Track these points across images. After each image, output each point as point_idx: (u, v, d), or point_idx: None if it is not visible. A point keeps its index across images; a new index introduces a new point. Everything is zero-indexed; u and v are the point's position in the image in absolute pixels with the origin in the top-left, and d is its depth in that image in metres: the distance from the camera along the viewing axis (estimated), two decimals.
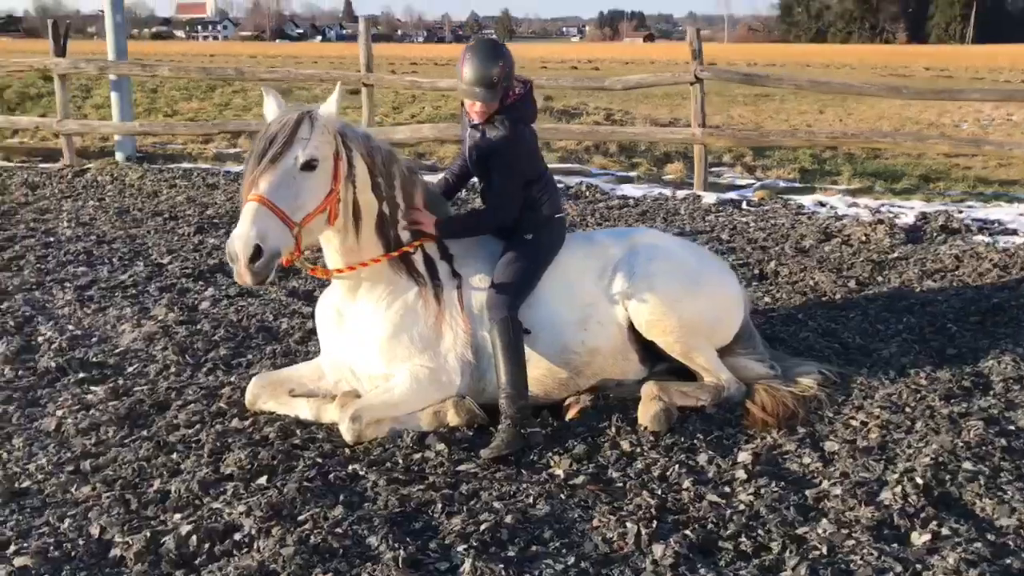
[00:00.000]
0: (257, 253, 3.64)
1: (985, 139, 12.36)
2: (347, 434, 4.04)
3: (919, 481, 3.58)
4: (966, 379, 4.68)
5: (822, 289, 6.28)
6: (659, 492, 3.63)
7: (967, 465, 3.74)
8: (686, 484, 3.69)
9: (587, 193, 9.82)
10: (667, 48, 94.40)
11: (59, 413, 4.35)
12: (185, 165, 11.48)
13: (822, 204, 9.29)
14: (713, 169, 12.34)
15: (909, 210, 8.91)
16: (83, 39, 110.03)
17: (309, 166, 3.83)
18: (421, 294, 4.24)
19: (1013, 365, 4.85)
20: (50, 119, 11.85)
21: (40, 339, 5.33)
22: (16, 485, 3.70)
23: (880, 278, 6.54)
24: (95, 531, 3.34)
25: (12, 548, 3.25)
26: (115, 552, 3.22)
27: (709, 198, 9.50)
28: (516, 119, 4.23)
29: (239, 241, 3.63)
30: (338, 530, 3.31)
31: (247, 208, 3.70)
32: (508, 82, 4.19)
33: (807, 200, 9.48)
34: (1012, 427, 4.12)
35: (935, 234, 7.85)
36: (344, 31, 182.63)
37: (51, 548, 3.23)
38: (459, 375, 4.25)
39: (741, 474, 3.76)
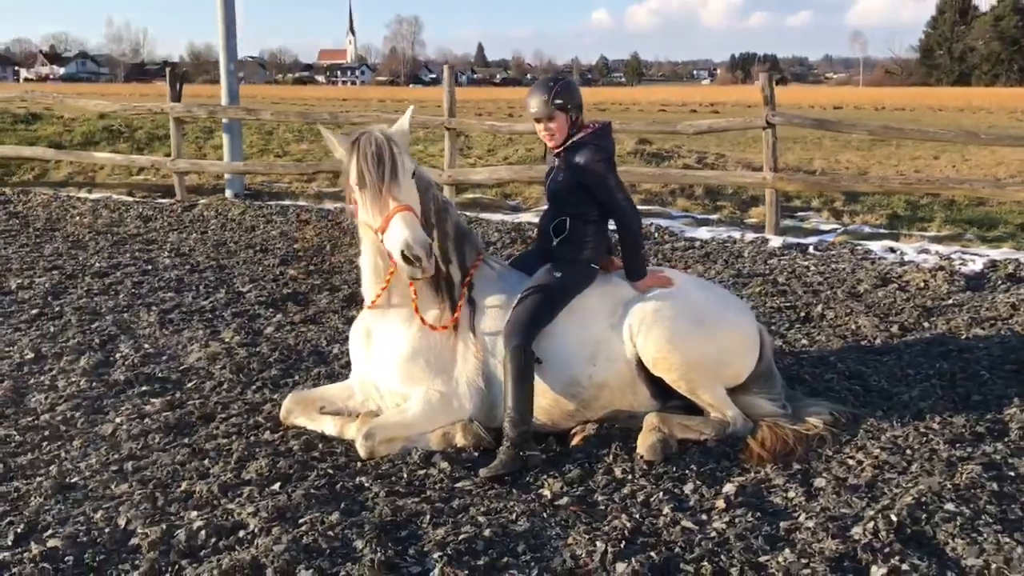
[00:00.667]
0: (430, 249, 4.18)
1: None
2: (361, 450, 4.39)
3: (893, 518, 3.65)
4: (982, 425, 4.67)
5: (863, 333, 6.30)
6: (637, 516, 3.82)
7: (949, 506, 3.78)
8: (666, 510, 3.87)
9: (656, 235, 10.00)
10: (797, 92, 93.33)
11: (117, 420, 4.86)
12: (284, 202, 12.25)
13: (892, 250, 9.20)
14: (799, 213, 12.31)
15: (980, 258, 8.73)
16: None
17: (413, 175, 4.34)
18: (440, 317, 4.56)
19: None
20: (165, 159, 12.88)
21: (118, 355, 5.91)
22: (67, 480, 4.19)
23: (927, 324, 6.51)
24: (122, 522, 3.77)
25: (48, 532, 3.71)
26: (134, 541, 3.63)
27: (776, 242, 9.53)
28: (599, 145, 4.61)
29: (417, 244, 4.10)
30: (330, 533, 3.64)
31: (402, 217, 4.15)
32: (568, 103, 4.59)
33: (877, 246, 9.40)
34: (1012, 473, 4.12)
35: (999, 282, 7.70)
36: (475, 75, 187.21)
37: (81, 534, 3.67)
38: (470, 400, 4.54)
39: (721, 504, 3.91)
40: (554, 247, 4.66)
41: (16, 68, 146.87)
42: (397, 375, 4.55)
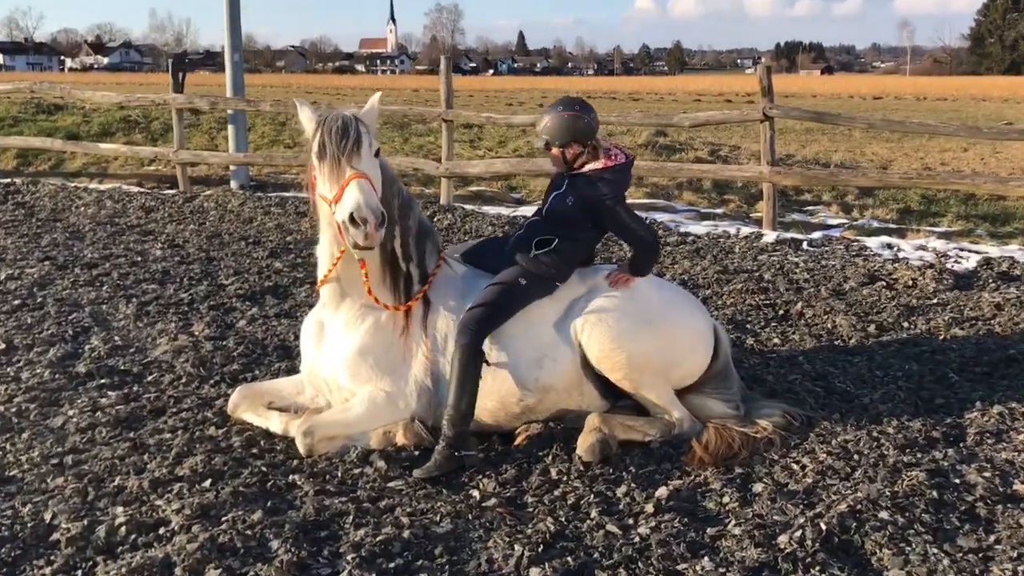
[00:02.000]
0: (383, 218, 4.09)
1: None
2: (301, 447, 4.37)
3: (822, 527, 3.56)
4: (938, 430, 4.55)
5: (839, 332, 6.17)
6: (563, 519, 3.76)
7: (883, 514, 3.68)
8: (593, 513, 3.80)
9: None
10: (840, 81, 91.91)
11: (70, 413, 4.88)
12: (286, 194, 12.29)
13: (889, 247, 9.00)
14: (809, 208, 12.12)
15: (976, 255, 8.50)
16: (271, 72, 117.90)
17: (377, 154, 4.30)
18: (392, 314, 4.52)
19: (997, 419, 4.67)
20: (168, 149, 12.98)
21: (87, 347, 5.95)
22: (5, 473, 4.21)
23: (906, 324, 6.35)
24: (47, 517, 3.78)
25: None
26: (55, 536, 3.64)
27: (770, 237, 9.37)
28: (613, 181, 4.53)
29: (367, 207, 4.02)
30: (248, 532, 3.62)
31: (356, 183, 4.08)
32: (552, 137, 4.51)
33: (874, 242, 9.21)
34: (957, 480, 4.00)
35: (990, 280, 7.49)
36: (516, 64, 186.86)
37: (3, 528, 3.68)
38: (416, 400, 4.50)
39: (650, 508, 3.83)
40: (530, 257, 4.55)
41: (62, 58, 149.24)
42: (345, 372, 4.52)
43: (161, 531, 3.67)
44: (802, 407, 4.83)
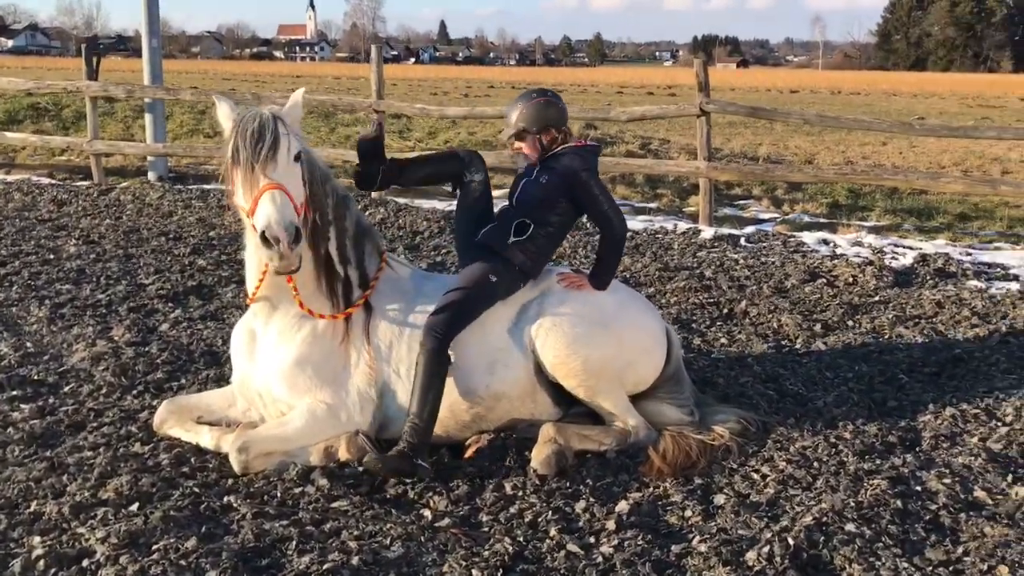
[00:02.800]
0: (297, 235, 3.79)
1: (1001, 180, 11.86)
2: (235, 464, 4.07)
3: (790, 542, 3.44)
4: (894, 434, 4.48)
5: (785, 332, 6.10)
6: (521, 539, 3.56)
7: (850, 527, 3.57)
8: (552, 532, 3.61)
9: (586, 225, 9.70)
10: (756, 74, 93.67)
11: None
12: (208, 186, 11.80)
13: (825, 242, 9.03)
14: (740, 202, 12.15)
15: (911, 251, 8.59)
16: (187, 59, 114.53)
17: (298, 158, 3.96)
18: (331, 322, 4.25)
19: (950, 422, 4.63)
20: (81, 139, 12.34)
21: None
22: None
23: (851, 322, 6.32)
24: None
25: None
26: None
27: (708, 233, 9.32)
28: (584, 156, 4.46)
29: (278, 225, 3.70)
30: (183, 562, 3.33)
31: (270, 195, 3.77)
32: (529, 124, 4.42)
33: (811, 237, 9.23)
34: (919, 488, 3.92)
35: (928, 277, 7.55)
36: (438, 53, 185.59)
37: None
38: (359, 412, 4.23)
39: (612, 524, 3.66)
40: (508, 245, 4.37)
41: None
42: (282, 383, 4.23)
43: (85, 563, 3.35)
44: (756, 412, 4.73)
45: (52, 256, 8.02)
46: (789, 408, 4.84)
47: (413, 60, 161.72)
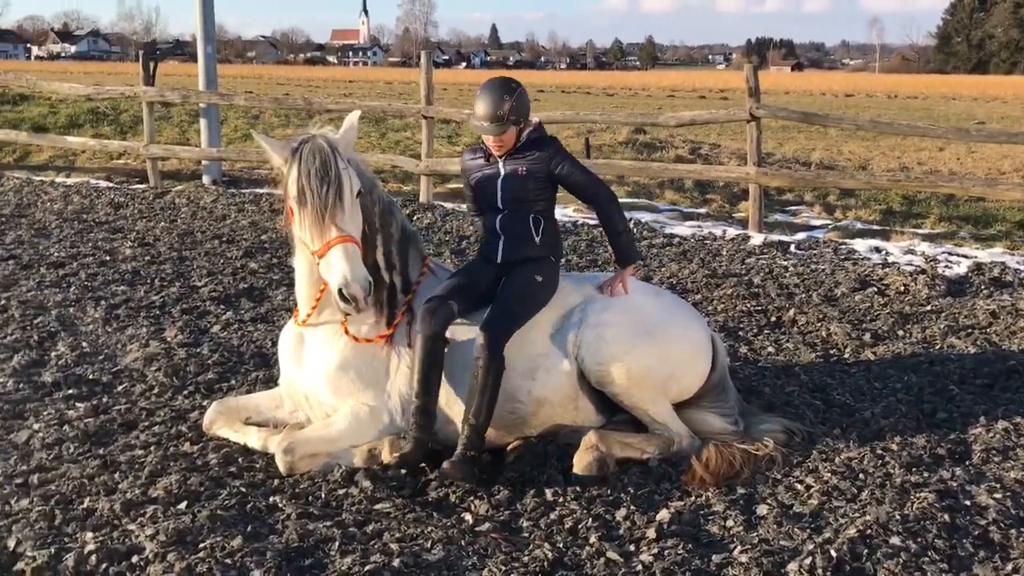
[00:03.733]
0: (370, 286, 3.91)
1: None
2: (281, 465, 4.14)
3: (832, 554, 3.40)
4: (943, 447, 4.40)
5: (834, 341, 6.03)
6: (561, 545, 3.57)
7: (895, 540, 3.52)
8: (592, 539, 3.61)
9: (634, 230, 9.71)
10: (811, 77, 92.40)
11: (35, 427, 4.61)
12: (260, 190, 11.99)
13: (877, 250, 8.90)
14: (791, 208, 12.02)
15: (966, 260, 8.42)
16: (242, 63, 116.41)
17: (359, 194, 4.06)
18: (375, 326, 4.30)
19: (1002, 435, 4.53)
20: (137, 143, 12.63)
21: (53, 354, 5.67)
22: None
23: (901, 332, 6.22)
24: (11, 544, 3.53)
25: None
26: (19, 566, 3.40)
27: (757, 239, 9.24)
28: (550, 137, 4.50)
29: (355, 283, 3.85)
30: (228, 560, 3.39)
31: (343, 249, 3.89)
32: (518, 117, 4.31)
33: (863, 245, 9.10)
34: (968, 502, 3.85)
35: (982, 287, 7.40)
36: (489, 57, 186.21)
37: None
38: (401, 415, 4.28)
39: (652, 533, 3.65)
40: (536, 245, 4.40)
41: (28, 46, 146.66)
42: (326, 386, 4.29)
43: (134, 559, 3.43)
44: (802, 421, 4.68)
45: (108, 258, 8.21)
46: (836, 418, 4.78)
47: (464, 64, 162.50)
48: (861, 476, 4.11)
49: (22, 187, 12.04)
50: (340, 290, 3.86)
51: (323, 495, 3.97)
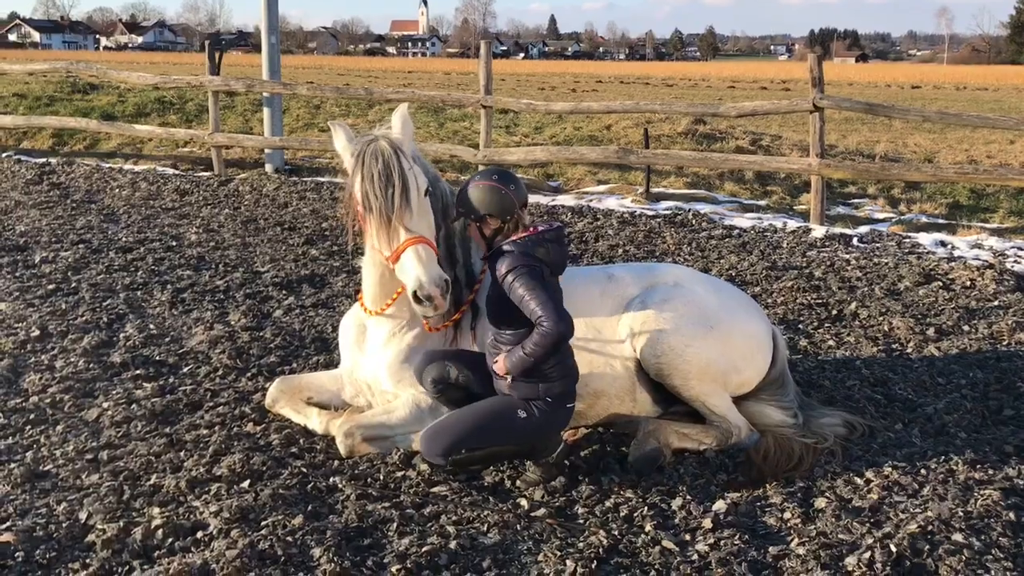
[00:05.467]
0: (447, 286, 3.88)
1: None
2: (341, 447, 4.21)
3: (892, 548, 3.35)
4: (1010, 444, 4.31)
5: (896, 335, 5.92)
6: (617, 532, 3.58)
7: (957, 537, 3.46)
8: (648, 527, 3.62)
9: (692, 222, 9.63)
10: (876, 69, 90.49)
11: (104, 405, 4.75)
12: (321, 179, 12.16)
13: (942, 244, 8.70)
14: (853, 201, 11.82)
15: None
16: (304, 54, 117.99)
17: (428, 192, 4.03)
18: (439, 320, 4.32)
19: None
20: (202, 131, 12.88)
21: (122, 336, 5.83)
22: (39, 468, 4.09)
23: (967, 327, 6.09)
24: (83, 516, 3.65)
25: (6, 524, 3.61)
26: (90, 538, 3.51)
27: (819, 232, 9.10)
28: (523, 252, 3.84)
29: (431, 284, 3.80)
30: (289, 538, 3.47)
31: (414, 252, 3.84)
32: (470, 212, 3.93)
33: (927, 239, 8.91)
34: None
35: None
36: (547, 48, 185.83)
37: (38, 528, 3.56)
38: None
39: (708, 523, 3.64)
40: (511, 385, 3.90)
41: (97, 36, 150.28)
42: (389, 378, 4.34)
43: (199, 535, 3.53)
44: (862, 415, 4.62)
45: (174, 243, 8.40)
46: (897, 413, 4.72)
47: (522, 55, 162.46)
48: (923, 472, 4.04)
49: (92, 174, 12.37)
50: (415, 292, 3.83)
51: (382, 477, 4.03)
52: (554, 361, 3.84)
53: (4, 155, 13.95)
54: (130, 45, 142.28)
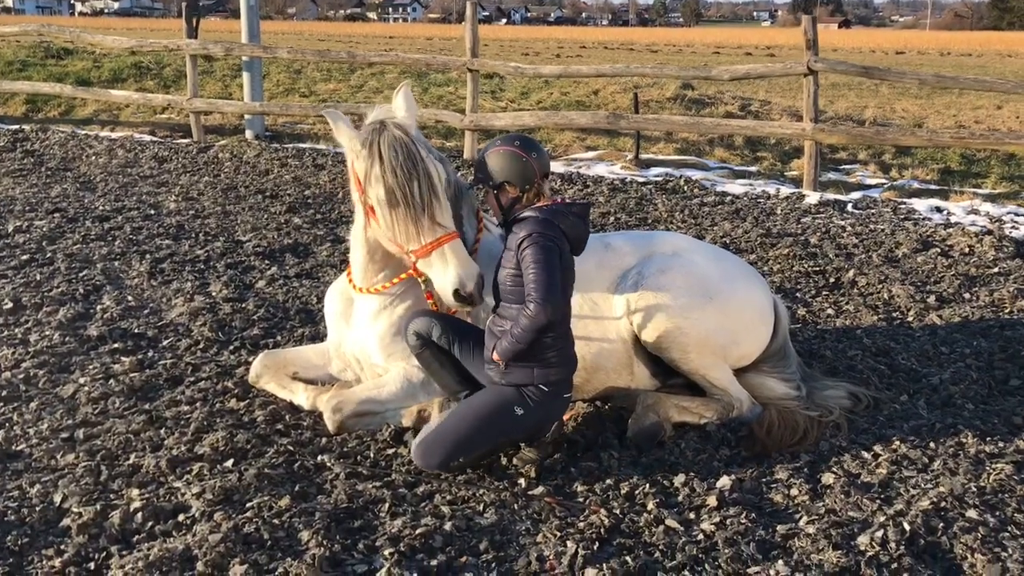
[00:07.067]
0: (482, 281, 3.75)
1: None
2: (329, 423, 4.04)
3: (905, 527, 3.23)
4: (1018, 415, 4.20)
5: (896, 303, 5.79)
6: (617, 511, 3.44)
7: (971, 513, 3.34)
8: (650, 505, 3.47)
9: (684, 188, 9.45)
10: (859, 35, 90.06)
11: (81, 381, 4.56)
12: (303, 145, 11.88)
13: (938, 210, 8.57)
14: (845, 166, 11.66)
15: None
16: (283, 20, 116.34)
17: (448, 183, 3.85)
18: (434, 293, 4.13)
19: None
20: (181, 97, 12.55)
21: (99, 308, 5.62)
22: (12, 448, 3.90)
23: (968, 295, 5.97)
24: (57, 499, 3.47)
25: None
26: (65, 522, 3.33)
27: (813, 198, 8.95)
28: (546, 220, 3.62)
29: (471, 281, 3.68)
30: (276, 521, 3.31)
31: (452, 249, 3.70)
32: (488, 179, 3.71)
33: (922, 205, 8.78)
34: None
35: None
36: (529, 14, 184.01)
37: (10, 512, 3.37)
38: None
39: (712, 501, 3.50)
40: (504, 370, 3.65)
41: (72, 1, 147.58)
42: (380, 351, 4.15)
43: (181, 518, 3.36)
44: (866, 387, 4.49)
45: (153, 212, 8.16)
46: (902, 384, 4.59)
47: (504, 21, 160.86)
48: (932, 445, 3.92)
49: (67, 140, 12.04)
50: (456, 291, 3.68)
51: (372, 455, 3.87)
52: (555, 347, 3.64)
53: None
54: (106, 11, 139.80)
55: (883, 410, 4.28)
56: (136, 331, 5.28)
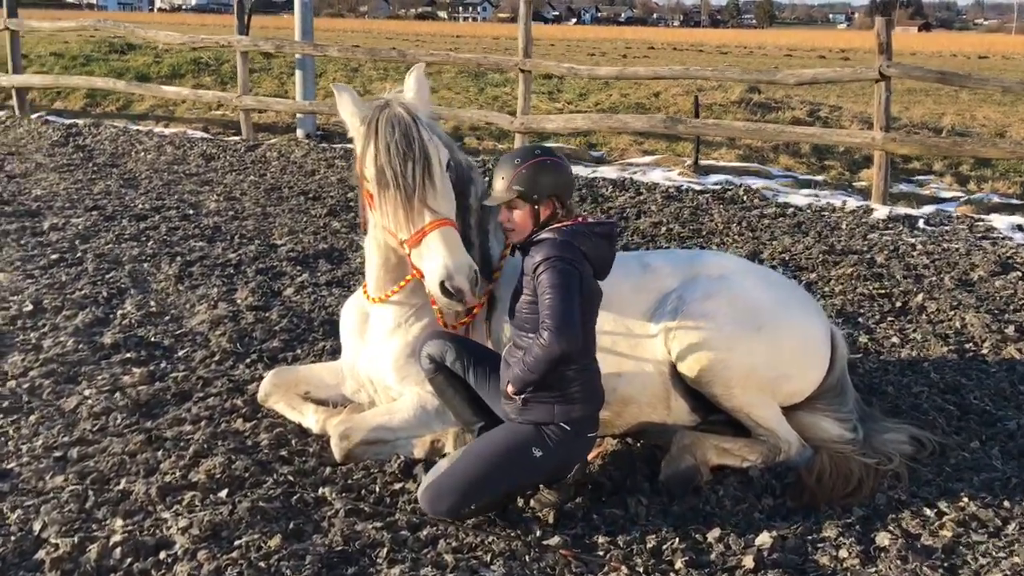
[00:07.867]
0: (476, 277, 3.43)
1: None
2: (336, 451, 3.74)
3: None
4: None
5: (969, 333, 5.29)
6: (640, 570, 3.07)
7: None
8: (678, 564, 3.09)
9: (743, 198, 8.97)
10: (939, 38, 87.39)
11: (86, 393, 4.34)
12: (351, 146, 11.63)
13: (1020, 228, 7.96)
14: (917, 178, 11.04)
15: None
16: (355, 18, 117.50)
17: (448, 167, 3.55)
18: (458, 314, 3.79)
19: None
20: (231, 94, 12.43)
21: (119, 313, 5.42)
22: (2, 465, 3.68)
23: None
24: (37, 527, 3.23)
25: None
26: (40, 554, 3.09)
27: (881, 212, 8.40)
28: (566, 243, 3.26)
29: (459, 274, 3.35)
30: (262, 564, 3.02)
31: (440, 236, 3.37)
32: (533, 192, 3.29)
33: (1002, 222, 8.17)
34: None
35: None
36: (600, 14, 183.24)
37: None
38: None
39: (749, 562, 3.10)
40: (522, 406, 3.30)
41: None
42: (394, 373, 3.84)
43: (162, 555, 3.09)
44: (932, 430, 4.03)
45: (192, 211, 7.99)
46: (973, 428, 4.12)
47: (574, 20, 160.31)
48: (1006, 503, 3.47)
49: (118, 136, 12.01)
50: (442, 283, 3.34)
51: (377, 489, 3.55)
52: (578, 380, 3.27)
53: (36, 116, 13.66)
54: (184, 7, 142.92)
55: (950, 458, 3.83)
56: (152, 339, 5.05)
